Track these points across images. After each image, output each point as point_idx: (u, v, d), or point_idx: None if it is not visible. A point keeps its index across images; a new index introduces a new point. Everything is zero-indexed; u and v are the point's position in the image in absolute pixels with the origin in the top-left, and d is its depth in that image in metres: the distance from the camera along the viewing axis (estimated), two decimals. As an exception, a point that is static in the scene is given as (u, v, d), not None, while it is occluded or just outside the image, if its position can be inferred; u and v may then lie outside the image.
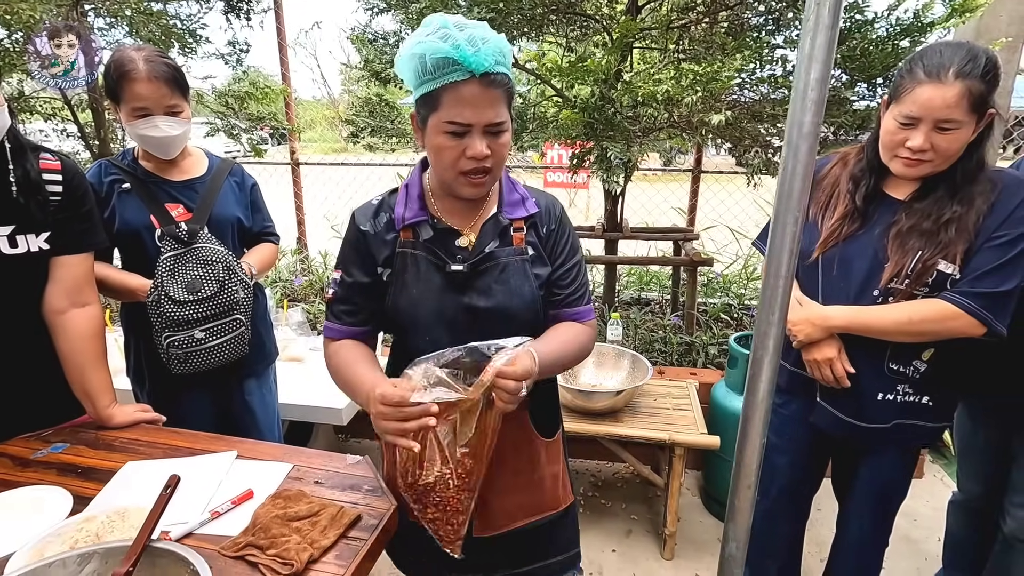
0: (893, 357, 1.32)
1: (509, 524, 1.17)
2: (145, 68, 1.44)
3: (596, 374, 2.28)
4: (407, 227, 1.07)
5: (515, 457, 1.14)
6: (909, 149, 1.21)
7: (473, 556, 1.16)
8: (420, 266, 1.07)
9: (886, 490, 1.47)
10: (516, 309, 1.07)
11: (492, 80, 0.92)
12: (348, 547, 1.02)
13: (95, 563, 0.83)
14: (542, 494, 1.20)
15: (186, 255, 1.53)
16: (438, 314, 1.06)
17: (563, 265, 1.13)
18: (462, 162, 0.96)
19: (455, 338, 1.04)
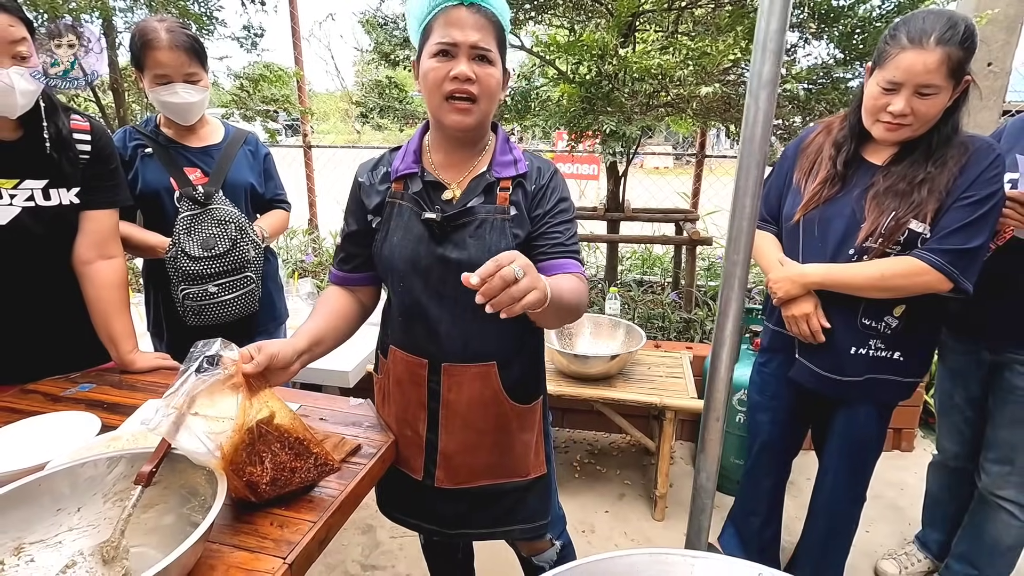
0: (866, 313, 1.40)
1: (471, 481, 1.20)
2: (167, 37, 1.54)
3: (592, 343, 2.36)
4: (399, 178, 1.12)
5: (481, 415, 1.17)
6: (891, 113, 1.27)
7: (437, 506, 1.23)
8: (404, 215, 1.11)
9: (860, 443, 1.54)
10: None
11: (480, 9, 0.99)
12: (348, 469, 1.11)
13: (122, 466, 0.93)
14: (510, 459, 1.21)
15: (202, 215, 1.64)
16: (413, 262, 1.09)
17: (549, 218, 1.12)
18: (447, 84, 0.99)
19: (428, 287, 1.11)
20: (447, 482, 1.20)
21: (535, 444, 1.24)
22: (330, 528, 0.98)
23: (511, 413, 1.19)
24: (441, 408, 1.17)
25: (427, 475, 1.21)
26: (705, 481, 1.14)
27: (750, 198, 0.94)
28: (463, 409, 1.17)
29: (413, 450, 1.21)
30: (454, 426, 1.17)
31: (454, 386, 1.15)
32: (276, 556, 0.88)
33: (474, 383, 1.15)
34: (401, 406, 1.21)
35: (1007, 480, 1.52)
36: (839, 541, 1.66)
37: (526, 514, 1.25)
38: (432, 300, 1.11)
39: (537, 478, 1.25)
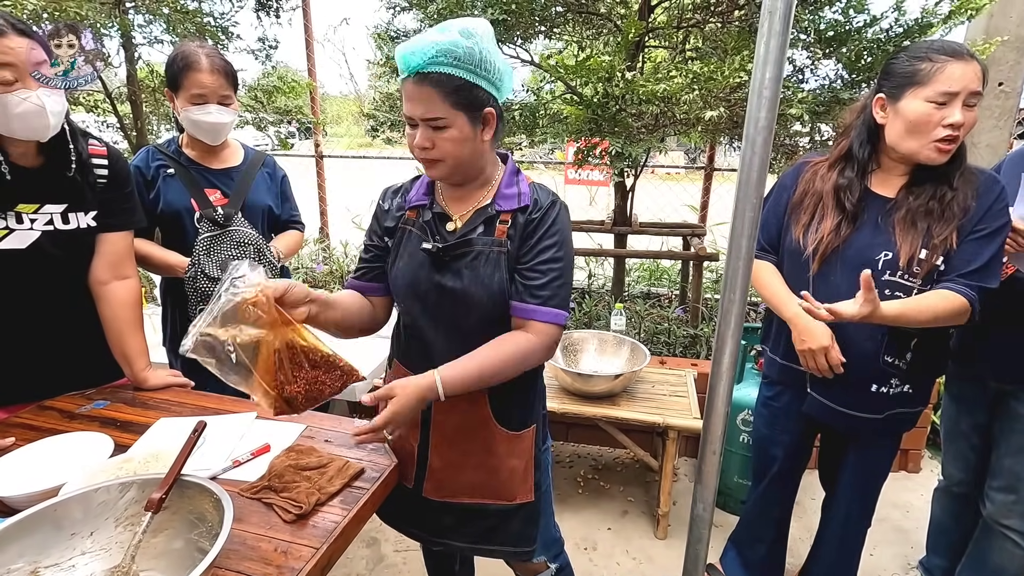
0: (888, 350, 1.37)
1: (455, 496, 1.25)
2: (207, 62, 1.63)
3: (597, 360, 2.37)
4: (412, 207, 1.22)
5: (465, 438, 1.21)
6: (951, 126, 1.24)
7: (424, 515, 1.28)
8: (412, 242, 1.19)
9: (873, 473, 1.54)
10: (479, 297, 1.12)
11: (426, 77, 1.01)
12: (351, 494, 1.14)
13: (134, 491, 0.96)
14: (496, 482, 1.23)
15: (221, 237, 1.68)
16: (413, 286, 1.17)
17: (531, 256, 1.13)
18: (415, 150, 1.09)
19: (426, 311, 1.18)
20: (434, 494, 1.26)
21: (523, 471, 1.26)
22: (332, 555, 1.01)
23: (499, 438, 1.22)
24: (431, 428, 1.23)
25: (417, 484, 1.27)
26: (702, 511, 1.16)
27: (745, 239, 0.95)
28: (450, 431, 1.22)
29: (407, 460, 1.27)
30: (440, 444, 1.24)
31: (442, 408, 1.19)
32: (281, 583, 0.91)
33: (462, 405, 1.19)
34: None
35: (1012, 509, 1.51)
36: (849, 565, 1.66)
37: (508, 537, 1.27)
38: (428, 323, 1.19)
39: (523, 504, 1.27)
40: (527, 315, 1.12)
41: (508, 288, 1.13)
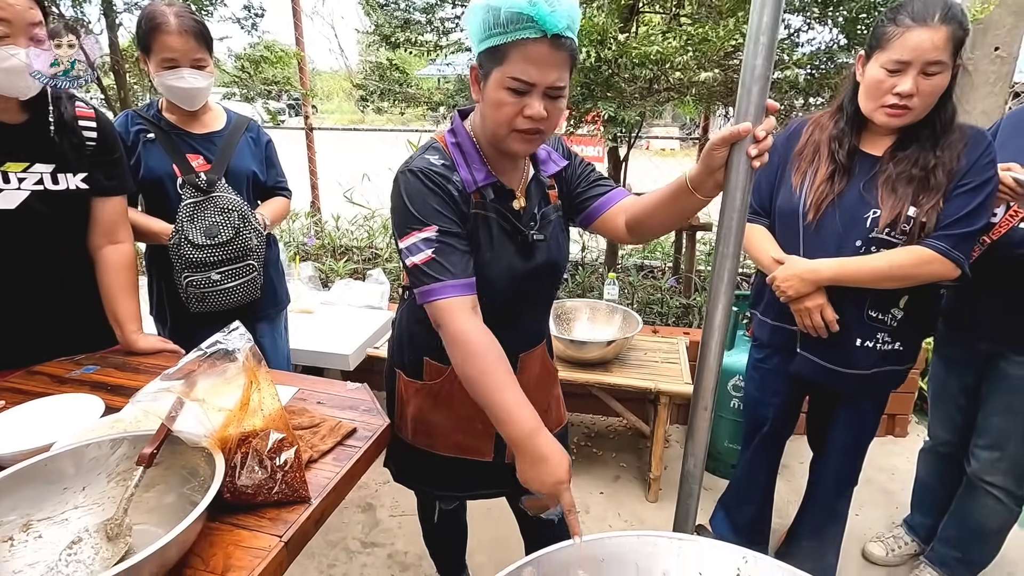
0: (873, 305, 1.40)
1: None
2: (176, 22, 1.55)
3: (589, 328, 2.38)
4: (478, 189, 1.07)
5: (540, 389, 1.29)
6: (897, 95, 1.26)
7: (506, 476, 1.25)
8: (492, 229, 1.09)
9: (860, 432, 1.56)
10: (562, 262, 1.20)
11: (562, 43, 0.92)
12: (344, 452, 1.15)
13: (125, 447, 0.96)
14: (552, 416, 1.34)
15: (205, 203, 1.65)
16: (511, 276, 1.12)
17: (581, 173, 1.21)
18: (519, 120, 0.96)
19: (519, 295, 1.16)
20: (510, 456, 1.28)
21: (561, 396, 1.39)
22: (325, 509, 1.02)
23: (553, 375, 1.34)
24: None
25: (497, 454, 1.29)
26: (693, 468, 1.17)
27: (740, 192, 0.95)
28: (530, 386, 1.22)
29: (482, 439, 1.27)
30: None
31: (526, 370, 1.24)
32: (273, 534, 0.91)
33: (536, 363, 1.27)
34: (471, 405, 1.14)
35: (996, 466, 1.54)
36: (837, 525, 1.70)
37: None
38: (520, 303, 1.19)
39: (567, 423, 1.41)
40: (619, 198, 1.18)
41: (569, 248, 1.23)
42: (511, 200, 1.11)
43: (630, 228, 1.15)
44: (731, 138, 0.88)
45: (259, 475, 0.96)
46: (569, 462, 1.01)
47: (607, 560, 1.03)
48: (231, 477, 0.95)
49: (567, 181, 1.22)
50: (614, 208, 1.18)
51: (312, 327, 2.44)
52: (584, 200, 1.20)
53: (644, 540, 1.04)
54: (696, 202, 1.01)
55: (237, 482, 0.95)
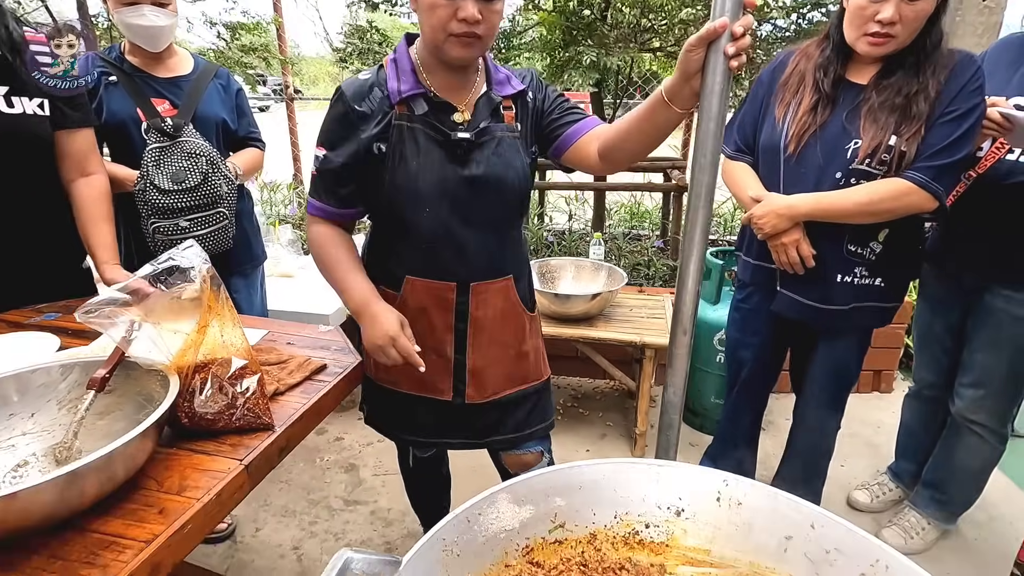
0: (852, 239, 1.38)
1: (499, 392, 1.26)
2: None
3: (574, 285, 2.35)
4: (402, 101, 1.08)
5: (503, 330, 1.23)
6: (879, 23, 1.23)
7: (469, 421, 1.27)
8: (419, 139, 1.08)
9: (840, 371, 1.54)
10: (511, 180, 1.12)
11: None
12: (313, 386, 1.11)
13: (76, 374, 0.92)
14: (527, 365, 1.28)
15: (171, 148, 1.59)
16: (440, 186, 1.09)
17: (554, 102, 1.17)
18: (452, 24, 0.96)
19: (456, 211, 1.11)
20: (477, 397, 1.25)
21: (542, 348, 1.33)
22: (290, 438, 0.98)
23: (526, 321, 1.26)
24: (469, 327, 1.20)
25: (456, 394, 1.25)
26: (672, 396, 1.14)
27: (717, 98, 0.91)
28: (490, 325, 1.21)
29: (440, 373, 1.23)
30: (482, 343, 1.22)
31: (481, 304, 1.19)
32: (233, 458, 0.88)
33: (498, 298, 1.21)
34: (426, 333, 1.18)
35: (980, 404, 1.53)
36: (817, 468, 1.69)
37: (543, 412, 1.34)
38: (460, 223, 1.13)
39: (548, 378, 1.35)
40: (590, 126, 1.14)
41: (527, 171, 1.14)
42: (451, 113, 1.09)
43: (603, 155, 1.09)
44: (707, 36, 0.84)
45: (219, 401, 0.92)
46: (401, 320, 1.12)
47: (584, 487, 1.00)
48: (189, 402, 0.91)
49: (540, 113, 1.17)
50: (587, 136, 1.13)
51: (292, 290, 2.40)
52: (555, 128, 1.16)
53: (622, 466, 1.01)
54: (672, 116, 0.97)
55: (196, 407, 0.91)
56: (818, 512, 0.94)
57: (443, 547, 0.86)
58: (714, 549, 0.97)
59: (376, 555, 0.79)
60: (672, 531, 0.99)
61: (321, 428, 2.43)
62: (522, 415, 1.30)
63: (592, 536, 0.97)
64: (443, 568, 0.85)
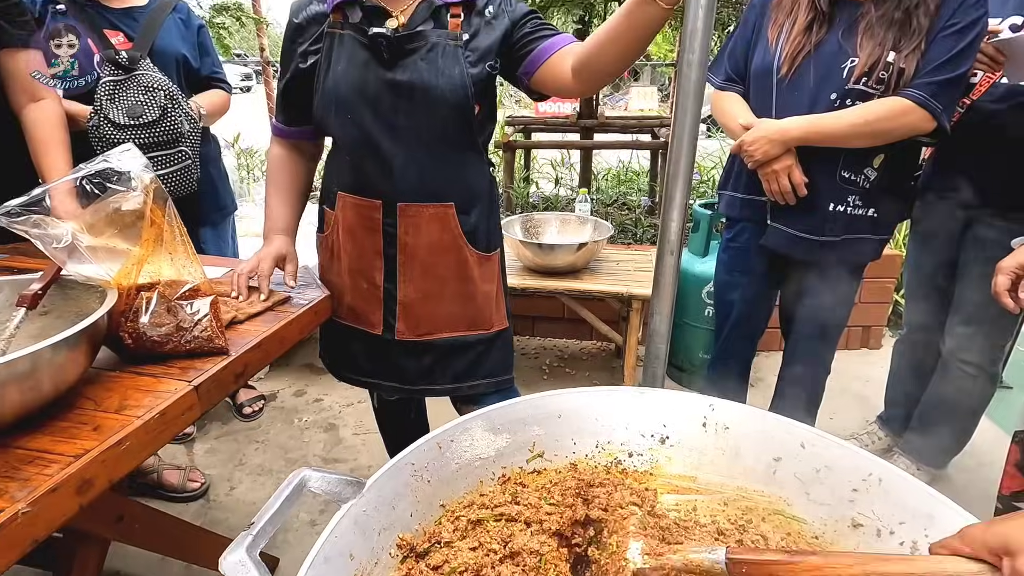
0: (846, 165, 1.32)
1: (434, 332, 1.16)
2: None
3: (559, 238, 2.28)
4: (336, 8, 1.04)
5: (441, 262, 1.12)
6: None
7: (399, 361, 1.18)
8: (345, 44, 1.04)
9: (830, 309, 1.49)
10: (442, 89, 1.02)
11: None
12: (275, 315, 1.04)
13: (7, 293, 0.84)
14: (473, 310, 1.17)
15: (127, 81, 1.49)
16: (360, 89, 1.03)
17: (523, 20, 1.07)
18: None
19: (379, 117, 1.04)
20: (408, 334, 1.16)
21: (497, 296, 1.22)
22: (247, 364, 0.91)
23: (471, 260, 1.15)
24: (399, 254, 1.12)
25: (387, 328, 1.17)
26: (659, 325, 1.08)
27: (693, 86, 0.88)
28: (422, 253, 1.12)
29: (370, 303, 1.16)
30: (413, 273, 1.13)
31: (411, 228, 1.10)
32: (182, 380, 0.81)
33: (432, 225, 1.11)
34: (354, 256, 1.14)
35: (971, 342, 1.49)
36: (805, 414, 1.65)
37: (491, 368, 1.22)
38: (383, 132, 1.05)
39: (500, 331, 1.23)
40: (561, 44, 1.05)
41: (469, 82, 1.03)
42: (385, 19, 1.03)
43: (578, 71, 1.00)
44: None
45: (167, 323, 0.85)
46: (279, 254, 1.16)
47: (564, 416, 0.94)
48: (133, 322, 0.83)
49: (506, 30, 1.07)
50: (559, 53, 1.03)
51: (267, 247, 2.31)
52: (524, 45, 1.06)
53: (603, 394, 0.96)
54: (655, 13, 0.87)
55: (141, 328, 0.83)
56: (808, 431, 0.89)
57: (412, 472, 0.81)
58: (700, 476, 0.93)
59: (337, 474, 0.73)
60: (656, 459, 0.95)
61: (300, 390, 2.37)
62: (463, 365, 1.19)
63: (572, 466, 0.92)
64: (412, 493, 0.80)
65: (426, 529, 0.77)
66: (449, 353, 1.18)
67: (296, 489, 0.68)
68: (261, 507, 0.64)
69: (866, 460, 0.82)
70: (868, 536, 0.76)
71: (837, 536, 0.78)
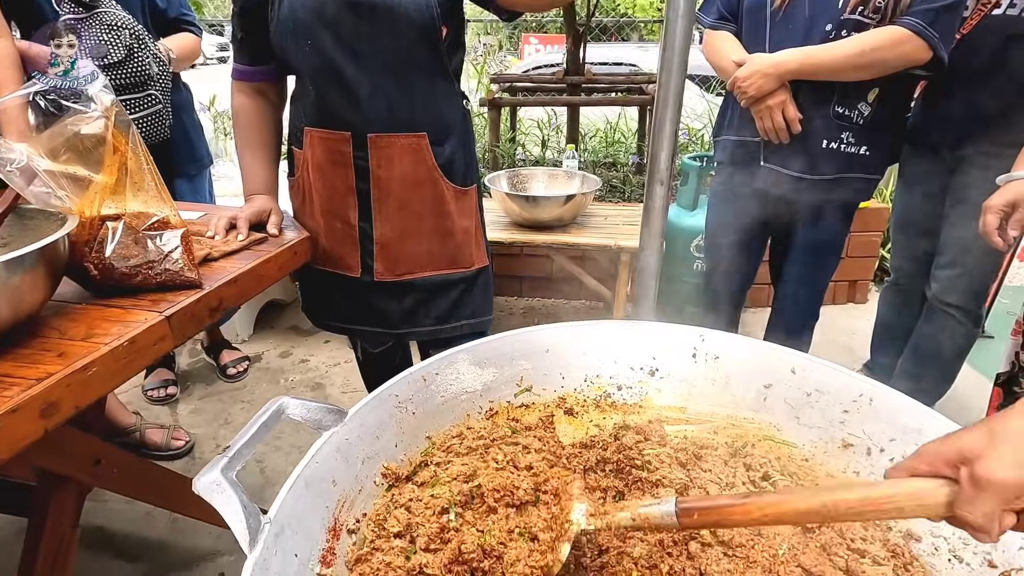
0: (840, 101, 1.29)
1: (413, 271, 1.13)
2: None
3: (546, 192, 2.24)
4: None
5: (417, 196, 1.08)
6: None
7: (380, 303, 1.15)
8: None
9: (821, 250, 1.48)
10: (406, 7, 0.96)
11: None
12: (252, 253, 1.00)
13: (-38, 224, 0.79)
14: (453, 247, 1.14)
15: (88, 19, 1.41)
16: (319, 12, 0.97)
17: None
18: None
19: (340, 42, 0.99)
20: (387, 274, 1.13)
21: (476, 232, 1.18)
22: (223, 299, 0.88)
23: (448, 195, 1.11)
24: (372, 188, 1.07)
25: (365, 270, 1.13)
26: (648, 260, 1.07)
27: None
28: (396, 188, 1.08)
29: (346, 245, 1.12)
30: (388, 209, 1.09)
31: (383, 160, 1.05)
32: (153, 311, 0.77)
33: (405, 158, 1.06)
34: (326, 196, 1.10)
35: (956, 284, 1.49)
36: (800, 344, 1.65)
37: (473, 309, 1.20)
38: (347, 57, 0.99)
39: (481, 269, 1.20)
40: None
41: (435, 2, 0.97)
42: None
43: None
44: None
45: (136, 255, 0.81)
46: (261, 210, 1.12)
47: (552, 350, 0.93)
48: (98, 252, 0.79)
49: None
50: None
51: (246, 205, 2.25)
52: None
53: (592, 327, 0.94)
54: None
55: (107, 258, 0.79)
56: (800, 356, 0.89)
57: (396, 404, 0.79)
58: (689, 406, 0.92)
59: (318, 403, 0.71)
60: (646, 391, 0.94)
61: (286, 351, 2.34)
62: (445, 305, 1.16)
63: (561, 400, 0.90)
64: (396, 424, 0.78)
65: (412, 459, 0.76)
66: (431, 293, 1.15)
67: (274, 415, 0.66)
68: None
69: (858, 381, 0.82)
70: (858, 455, 0.76)
71: (827, 457, 0.78)
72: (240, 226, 1.05)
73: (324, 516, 0.62)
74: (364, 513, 0.66)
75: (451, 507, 0.63)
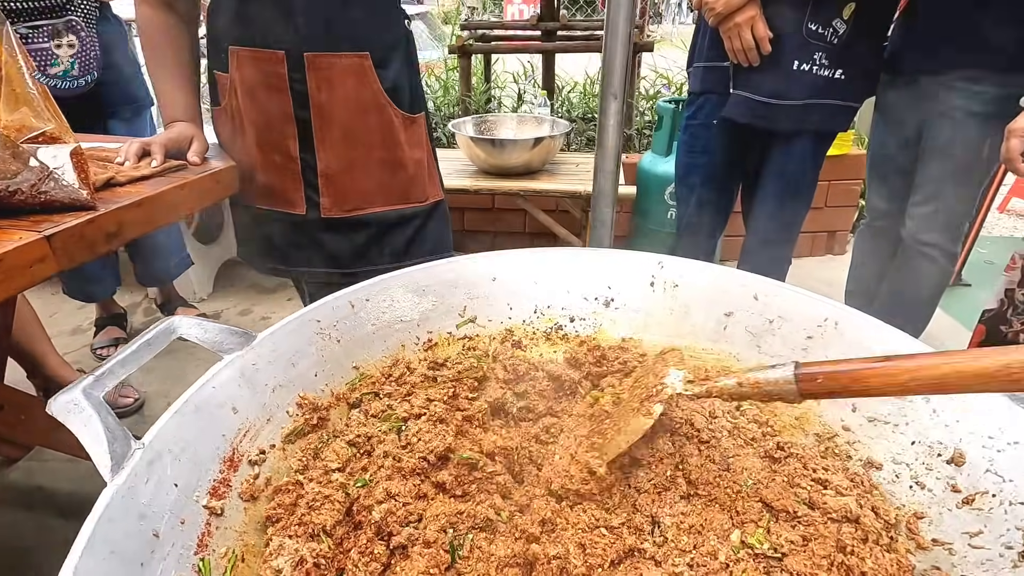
0: (813, 16, 1.21)
1: (364, 206, 1.04)
2: None
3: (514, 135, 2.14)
4: None
5: (363, 123, 0.99)
6: None
7: (329, 242, 1.06)
8: None
9: (794, 181, 1.41)
10: None
11: None
12: (167, 180, 0.90)
13: None
14: (405, 179, 1.06)
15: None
16: None
17: None
18: None
19: None
20: (335, 210, 1.03)
21: (428, 164, 1.09)
22: (123, 223, 0.78)
23: (397, 122, 1.01)
24: (313, 115, 0.97)
25: (310, 206, 1.03)
26: (603, 184, 0.99)
27: None
28: (340, 114, 0.97)
29: (287, 179, 1.02)
30: (333, 138, 0.99)
31: (324, 83, 0.95)
32: (32, 231, 0.68)
33: (348, 79, 0.96)
34: (261, 126, 0.99)
35: (932, 221, 1.44)
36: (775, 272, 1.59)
37: (432, 244, 1.12)
38: None
39: (437, 202, 1.12)
40: None
41: None
42: None
43: None
44: None
45: (13, 168, 0.71)
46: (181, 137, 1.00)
47: (499, 279, 0.85)
48: None
49: None
50: None
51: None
52: None
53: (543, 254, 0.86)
54: None
55: None
56: (764, 282, 0.81)
57: (317, 329, 0.70)
58: (645, 338, 0.85)
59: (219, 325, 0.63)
60: (600, 323, 0.86)
61: (246, 309, 2.25)
62: (400, 242, 1.08)
63: (508, 332, 0.83)
64: (317, 352, 0.69)
65: (335, 390, 0.69)
66: (384, 229, 1.07)
67: (162, 334, 0.57)
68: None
69: (824, 306, 0.75)
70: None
71: (787, 384, 0.72)
72: (154, 151, 0.94)
73: (219, 445, 0.55)
74: (272, 444, 0.59)
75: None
